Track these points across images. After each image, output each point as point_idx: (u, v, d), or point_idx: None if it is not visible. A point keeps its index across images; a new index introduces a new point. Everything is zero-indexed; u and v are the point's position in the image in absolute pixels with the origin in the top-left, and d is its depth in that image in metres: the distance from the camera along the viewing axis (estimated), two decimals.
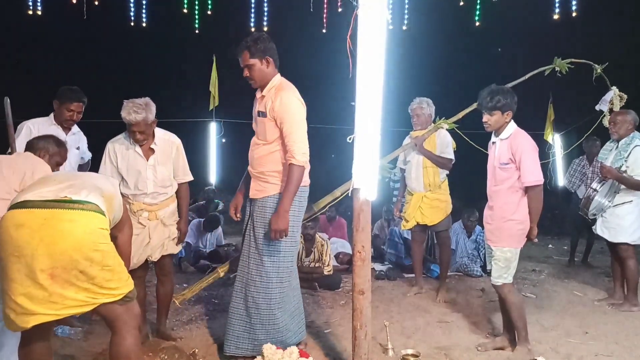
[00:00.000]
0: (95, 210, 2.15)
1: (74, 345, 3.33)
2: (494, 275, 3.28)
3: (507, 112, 3.25)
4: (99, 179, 2.46)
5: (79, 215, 2.09)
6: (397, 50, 3.74)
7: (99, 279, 2.08)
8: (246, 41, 3.00)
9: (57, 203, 2.09)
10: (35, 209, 2.08)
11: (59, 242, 2.01)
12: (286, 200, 2.92)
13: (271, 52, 3.01)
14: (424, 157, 4.62)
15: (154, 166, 3.25)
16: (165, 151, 3.31)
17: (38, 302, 2.02)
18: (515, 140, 3.23)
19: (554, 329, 3.82)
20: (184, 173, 3.43)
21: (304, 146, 2.94)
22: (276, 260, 3.04)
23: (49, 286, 2.01)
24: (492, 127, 3.31)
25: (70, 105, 3.63)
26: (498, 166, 3.28)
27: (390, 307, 4.41)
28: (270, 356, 2.82)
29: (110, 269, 2.12)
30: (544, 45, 7.65)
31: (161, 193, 3.30)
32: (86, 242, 2.05)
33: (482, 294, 4.87)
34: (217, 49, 8.58)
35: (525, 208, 3.21)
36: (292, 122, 2.93)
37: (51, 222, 2.04)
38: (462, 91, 6.81)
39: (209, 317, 4.05)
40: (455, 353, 3.34)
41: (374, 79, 2.63)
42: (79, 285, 2.05)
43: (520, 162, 3.17)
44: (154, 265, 3.45)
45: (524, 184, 3.18)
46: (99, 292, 2.09)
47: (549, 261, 6.38)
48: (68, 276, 2.02)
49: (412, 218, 4.73)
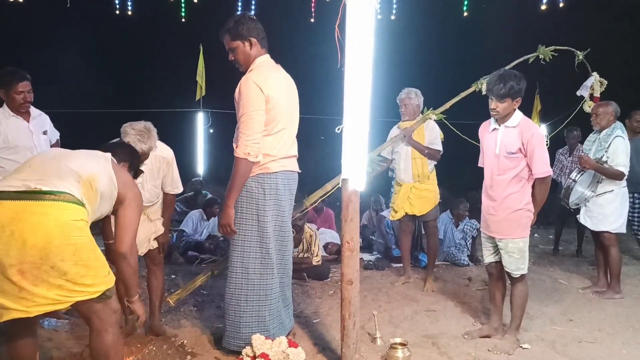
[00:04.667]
0: (69, 201, 2.02)
1: (61, 337, 3.30)
2: (511, 268, 3.22)
3: (517, 99, 3.13)
4: (80, 158, 2.26)
5: (50, 207, 1.98)
6: (385, 40, 3.72)
7: (72, 274, 1.97)
8: (227, 24, 2.92)
9: (28, 194, 1.98)
10: (6, 201, 1.97)
11: (29, 237, 1.92)
12: (227, 195, 2.87)
13: (255, 33, 2.92)
14: (412, 148, 4.63)
15: (142, 184, 3.16)
16: (154, 168, 3.22)
17: (9, 298, 1.94)
18: (527, 130, 3.10)
19: (539, 317, 3.88)
20: (172, 185, 3.34)
21: (250, 137, 2.78)
22: (240, 252, 2.97)
23: (18, 282, 1.92)
24: (500, 114, 3.16)
25: (18, 87, 3.38)
26: (504, 155, 3.17)
27: (379, 296, 4.44)
28: (259, 346, 2.82)
29: (85, 264, 2.01)
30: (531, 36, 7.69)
31: (148, 206, 3.25)
32: (57, 235, 1.94)
33: (469, 282, 4.93)
34: (203, 38, 8.48)
35: (529, 196, 3.17)
36: (244, 111, 2.81)
37: (21, 216, 1.94)
38: (449, 81, 6.84)
39: (198, 308, 4.05)
40: (443, 341, 3.38)
41: (362, 68, 2.62)
42: (51, 282, 1.95)
43: (533, 152, 3.07)
44: (143, 257, 3.42)
45: (536, 175, 3.11)
46: (73, 290, 1.99)
47: (535, 250, 6.46)
48: (39, 272, 1.93)
49: (400, 209, 4.75)
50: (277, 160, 2.96)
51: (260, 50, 2.97)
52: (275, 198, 2.99)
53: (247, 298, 2.98)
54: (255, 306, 2.99)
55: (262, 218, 2.96)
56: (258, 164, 2.90)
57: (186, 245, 6.00)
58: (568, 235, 6.81)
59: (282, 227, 3.08)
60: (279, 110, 2.91)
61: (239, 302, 2.99)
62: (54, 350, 3.06)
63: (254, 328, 2.97)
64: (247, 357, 2.85)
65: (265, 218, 2.96)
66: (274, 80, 2.91)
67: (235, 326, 3.00)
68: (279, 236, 3.07)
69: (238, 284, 2.99)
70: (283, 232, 3.10)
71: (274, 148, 2.94)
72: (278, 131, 2.95)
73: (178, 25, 7.99)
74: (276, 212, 3.02)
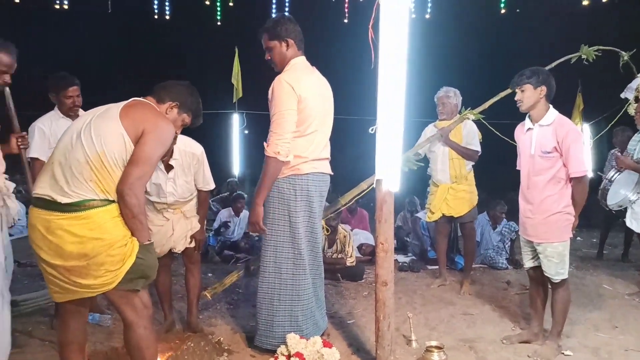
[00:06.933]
0: (94, 207, 2.08)
1: (104, 332, 3.42)
2: (550, 273, 3.12)
3: (539, 86, 3.05)
4: (86, 139, 2.12)
5: (74, 222, 2.07)
6: (420, 39, 3.68)
7: (108, 264, 2.10)
8: (267, 23, 2.97)
9: (53, 205, 2.08)
10: (39, 209, 2.12)
11: (64, 245, 2.06)
12: (256, 193, 2.90)
13: (293, 34, 2.96)
14: (449, 149, 4.56)
15: (173, 179, 3.23)
16: (184, 164, 3.27)
17: (61, 286, 2.15)
18: (562, 127, 3.03)
19: (582, 323, 3.74)
20: (204, 182, 3.39)
21: (280, 137, 2.80)
22: (272, 253, 3.00)
23: (68, 277, 2.12)
24: (524, 104, 3.09)
25: (67, 92, 3.49)
26: (539, 154, 3.08)
27: (414, 298, 4.39)
28: (294, 345, 2.84)
29: (118, 252, 2.11)
30: (572, 33, 7.44)
31: (183, 202, 3.32)
32: (89, 240, 2.07)
33: (507, 286, 4.81)
34: (239, 41, 8.61)
35: (569, 198, 3.08)
36: (276, 110, 2.84)
37: (52, 228, 2.07)
38: (487, 81, 6.68)
39: (233, 307, 4.10)
40: (480, 346, 3.31)
41: (396, 69, 2.60)
42: (94, 275, 2.10)
43: (568, 151, 2.98)
44: (181, 255, 3.50)
45: (572, 174, 3.01)
46: (115, 270, 2.11)
47: (577, 254, 6.24)
48: (81, 269, 2.09)
49: (437, 210, 4.68)
50: (308, 161, 2.97)
51: (296, 51, 3.00)
52: (307, 199, 3.00)
53: (280, 298, 3.00)
54: (288, 306, 3.01)
55: (294, 219, 2.98)
56: (289, 165, 2.92)
57: (222, 245, 6.11)
58: (613, 239, 6.53)
59: (313, 228, 3.09)
60: (311, 111, 2.92)
61: (272, 302, 3.01)
62: (97, 345, 3.18)
63: (286, 327, 2.98)
64: (282, 355, 2.86)
65: (297, 219, 2.98)
66: (307, 81, 2.93)
67: (268, 325, 3.03)
68: (310, 237, 3.08)
69: (271, 284, 3.02)
70: (314, 234, 3.10)
71: (306, 149, 2.95)
72: (310, 133, 2.96)
73: (214, 29, 8.13)
74: (307, 213, 3.03)
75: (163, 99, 2.37)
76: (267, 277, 3.03)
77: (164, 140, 2.20)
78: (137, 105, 2.25)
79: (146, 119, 2.17)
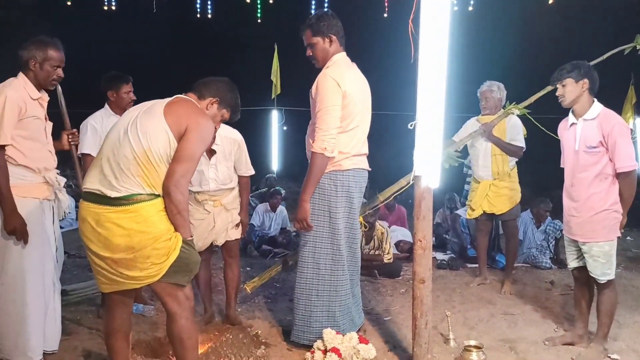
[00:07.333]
0: (140, 201, 2.16)
1: (147, 322, 3.54)
2: (596, 273, 3.01)
3: (581, 80, 2.97)
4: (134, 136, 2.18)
5: (122, 216, 2.14)
6: (462, 33, 3.60)
7: (154, 257, 2.17)
8: (309, 19, 2.99)
9: (103, 199, 2.16)
10: (89, 203, 2.20)
11: (112, 238, 2.14)
12: (303, 189, 2.90)
13: (335, 30, 2.96)
14: (492, 144, 4.44)
15: (215, 165, 3.30)
16: (226, 150, 3.34)
17: (110, 278, 2.23)
18: (607, 121, 2.92)
19: (631, 326, 3.59)
20: (246, 168, 3.46)
21: (327, 133, 2.83)
22: (311, 248, 3.01)
23: (116, 268, 2.20)
24: (566, 99, 3.01)
25: (126, 87, 3.60)
26: (584, 150, 2.98)
27: (452, 297, 4.32)
28: (330, 340, 2.86)
29: (163, 246, 2.17)
30: (625, 23, 7.07)
31: (224, 189, 3.38)
32: (136, 233, 2.14)
33: (551, 286, 4.66)
34: (278, 38, 8.68)
35: (616, 195, 2.96)
36: (321, 106, 2.86)
37: (101, 221, 2.15)
38: (533, 75, 6.46)
39: (271, 300, 4.16)
40: (521, 346, 3.22)
41: (436, 63, 2.56)
42: (140, 267, 2.17)
43: (614, 145, 2.87)
44: (220, 249, 3.57)
45: (619, 169, 2.90)
46: (159, 263, 2.18)
47: (626, 254, 5.97)
48: (127, 262, 2.17)
49: (478, 207, 4.57)
50: (349, 157, 2.98)
51: (338, 48, 3.01)
52: (347, 195, 3.01)
53: (318, 293, 3.02)
54: (326, 301, 3.03)
55: (334, 215, 2.99)
56: (331, 161, 2.93)
57: (260, 240, 6.20)
58: None
59: (353, 224, 3.10)
60: (354, 107, 2.94)
61: (309, 297, 3.03)
62: (141, 334, 3.29)
63: (324, 323, 3.00)
64: (319, 350, 2.88)
65: (337, 215, 2.99)
66: (350, 77, 2.95)
67: (305, 320, 3.05)
68: (349, 233, 3.09)
69: (309, 279, 3.04)
70: (353, 230, 3.12)
71: (347, 145, 2.96)
72: (352, 129, 2.97)
73: (254, 26, 8.23)
74: (348, 209, 3.04)
75: (204, 95, 2.44)
76: (305, 272, 3.05)
77: (205, 137, 2.29)
78: (180, 103, 2.32)
79: (188, 117, 2.24)
